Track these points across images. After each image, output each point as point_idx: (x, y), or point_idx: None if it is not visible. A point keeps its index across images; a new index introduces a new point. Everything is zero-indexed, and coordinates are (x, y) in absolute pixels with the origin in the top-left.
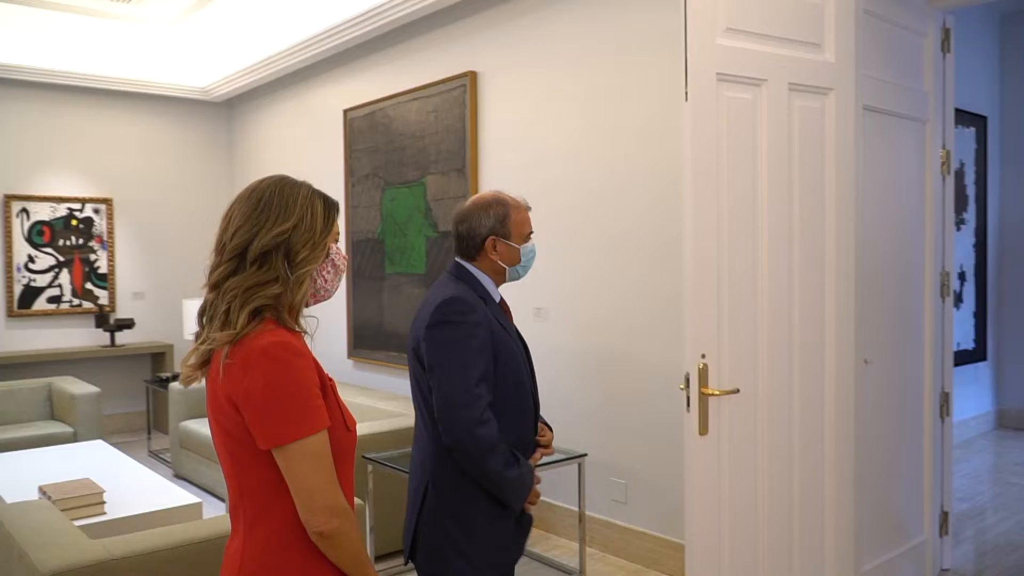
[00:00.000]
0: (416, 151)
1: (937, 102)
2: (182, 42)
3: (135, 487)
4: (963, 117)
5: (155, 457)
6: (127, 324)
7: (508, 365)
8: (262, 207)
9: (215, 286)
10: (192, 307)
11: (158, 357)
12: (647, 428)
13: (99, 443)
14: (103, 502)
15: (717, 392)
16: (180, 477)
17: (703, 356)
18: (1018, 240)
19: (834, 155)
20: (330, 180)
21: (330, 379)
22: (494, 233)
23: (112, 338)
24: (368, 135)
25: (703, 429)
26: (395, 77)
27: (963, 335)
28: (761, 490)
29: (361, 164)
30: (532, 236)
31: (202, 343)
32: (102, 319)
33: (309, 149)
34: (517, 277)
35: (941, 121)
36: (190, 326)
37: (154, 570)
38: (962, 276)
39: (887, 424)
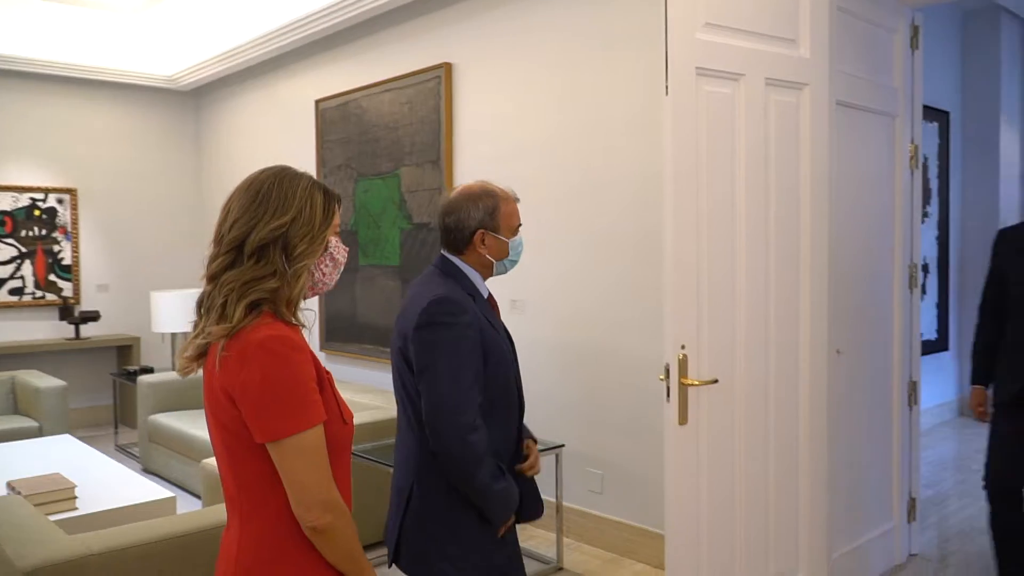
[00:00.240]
0: (390, 143)
1: (906, 97)
2: (149, 30)
3: (106, 482)
4: (926, 112)
5: (123, 451)
6: (92, 316)
7: (498, 364)
8: (260, 199)
9: (212, 278)
10: (160, 299)
11: (124, 350)
12: (623, 420)
13: (66, 437)
14: (75, 497)
15: (696, 382)
16: (149, 472)
17: (683, 347)
18: (979, 233)
19: (809, 149)
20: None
21: (327, 372)
22: (483, 226)
23: (77, 331)
24: (340, 126)
25: (683, 419)
26: (368, 68)
27: (926, 326)
28: (739, 478)
29: (333, 155)
30: (520, 229)
31: (198, 336)
32: (66, 311)
33: (279, 139)
34: (504, 271)
35: (910, 116)
36: (158, 319)
37: (134, 565)
38: (925, 268)
39: (858, 413)
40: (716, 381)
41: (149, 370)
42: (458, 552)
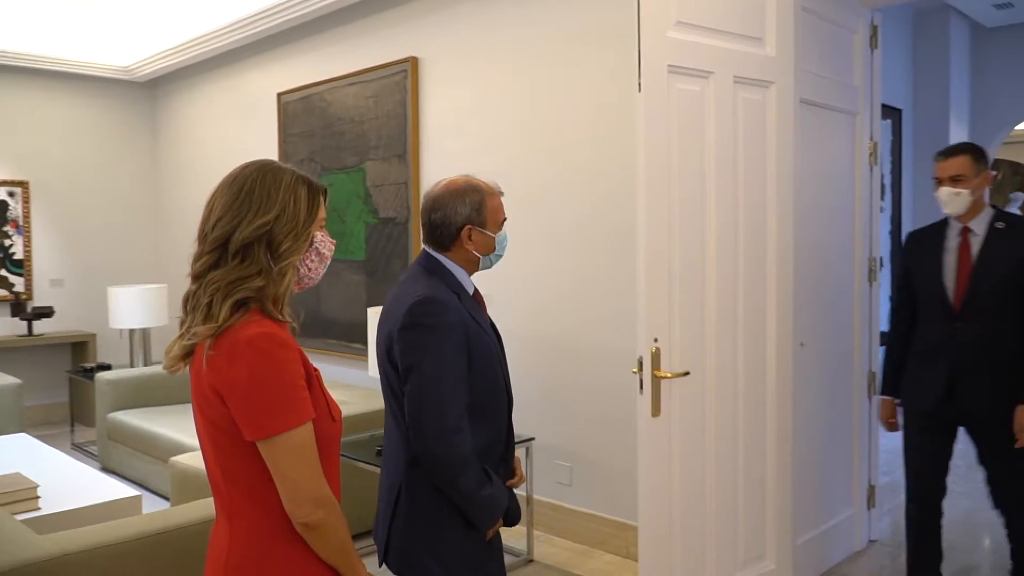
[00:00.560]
0: (355, 136)
1: (866, 95)
2: (104, 19)
3: (67, 481)
4: (880, 110)
5: (79, 450)
6: (46, 312)
7: (482, 363)
8: (243, 197)
9: (197, 277)
10: (118, 295)
11: (79, 347)
12: (591, 412)
13: (23, 436)
14: (37, 497)
15: (669, 375)
16: (108, 470)
17: (655, 340)
18: None
19: (775, 147)
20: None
21: (315, 369)
22: (470, 222)
23: (30, 327)
24: (304, 119)
25: (655, 411)
26: (333, 61)
27: (880, 317)
28: (709, 468)
29: (297, 149)
30: (505, 223)
31: (184, 336)
32: (18, 307)
33: (240, 132)
34: (490, 265)
35: (869, 114)
36: (116, 314)
37: (110, 564)
38: (879, 261)
39: (820, 404)
40: (688, 373)
41: (107, 367)
42: (445, 552)
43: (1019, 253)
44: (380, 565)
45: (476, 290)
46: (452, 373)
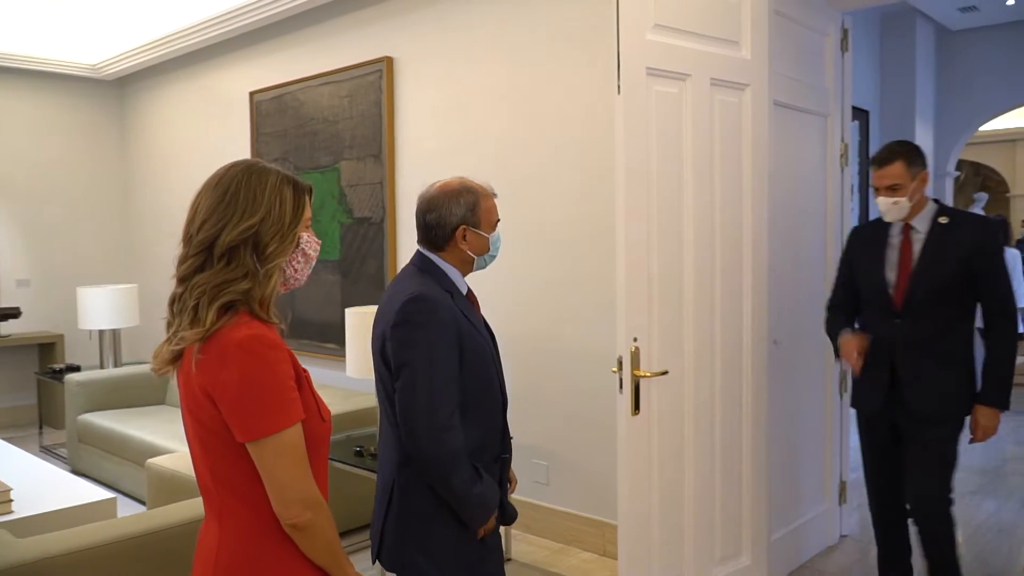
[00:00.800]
0: (329, 136)
1: (837, 98)
2: (72, 16)
3: (39, 484)
4: None
5: (49, 453)
6: (12, 313)
7: (474, 362)
8: (228, 199)
9: (183, 279)
10: (87, 295)
11: (47, 348)
12: (567, 411)
13: None
14: (11, 500)
15: (648, 374)
16: (79, 473)
17: (635, 340)
18: None
19: (750, 148)
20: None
21: (304, 370)
22: (465, 222)
23: None
24: (277, 119)
25: (635, 410)
26: (306, 60)
27: None
28: (688, 466)
29: (269, 148)
30: (499, 224)
31: (171, 341)
32: None
33: (212, 131)
34: (484, 266)
35: (840, 115)
36: (85, 315)
37: (91, 567)
38: None
39: (794, 401)
40: (666, 372)
41: (76, 368)
42: (437, 550)
43: (960, 251)
44: (373, 563)
45: (469, 290)
46: (443, 371)
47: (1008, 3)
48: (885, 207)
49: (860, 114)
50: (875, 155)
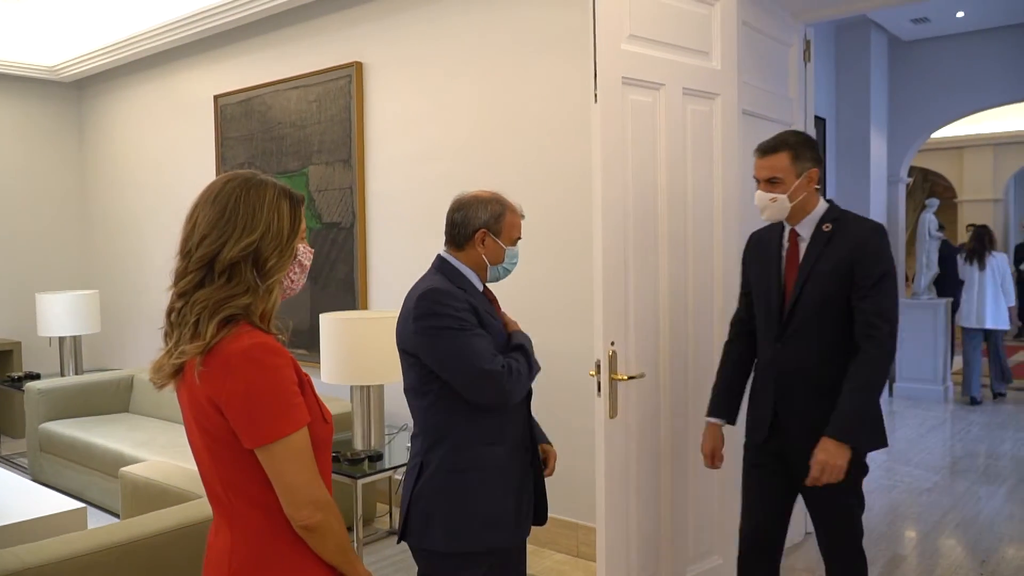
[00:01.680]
0: (297, 140)
1: (800, 107)
2: (29, 17)
3: (4, 494)
4: None
5: (7, 462)
6: None
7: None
8: (228, 215)
9: (182, 295)
10: (46, 301)
11: (3, 355)
12: (546, 414)
13: None
14: None
15: (625, 377)
16: (41, 483)
17: (612, 344)
18: None
19: (720, 156)
20: (200, 168)
21: (305, 375)
22: (487, 227)
23: None
24: (243, 122)
25: (613, 412)
26: (274, 64)
27: None
28: (664, 468)
29: (235, 152)
30: (519, 242)
31: (172, 355)
32: None
33: (175, 135)
34: (498, 278)
35: (803, 124)
36: (45, 322)
37: None
38: None
39: None
40: (643, 375)
41: (35, 376)
42: (463, 524)
43: (839, 263)
44: (399, 542)
45: (487, 288)
46: (468, 332)
47: (958, 15)
48: (761, 203)
49: (818, 122)
50: (761, 143)
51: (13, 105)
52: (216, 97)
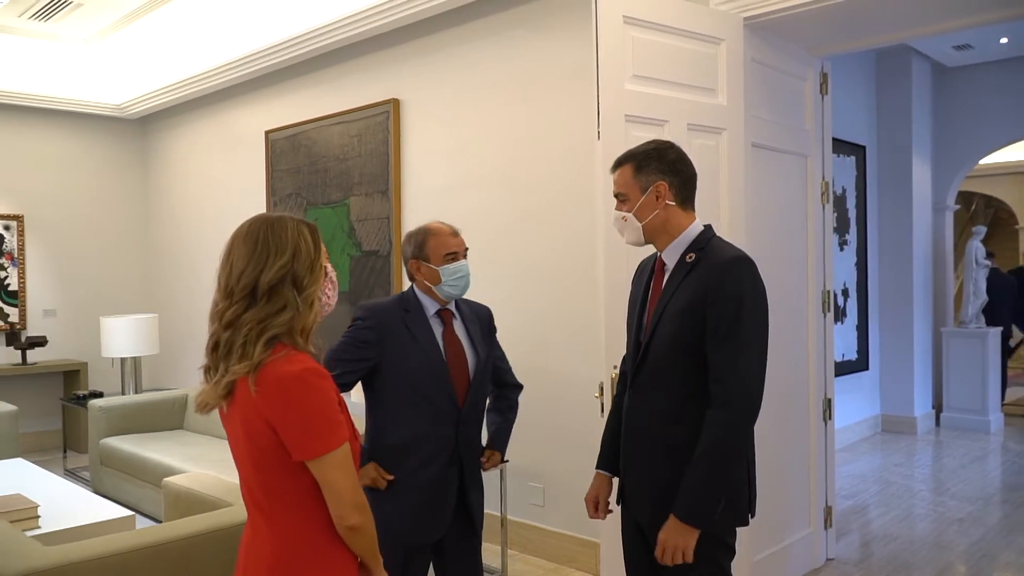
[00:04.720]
0: (339, 173)
1: (817, 138)
2: (98, 60)
3: (64, 502)
4: (844, 147)
5: (72, 475)
6: (39, 342)
7: (401, 365)
8: (260, 246)
9: (229, 325)
10: (110, 324)
11: (71, 375)
12: (560, 436)
13: (19, 461)
14: (38, 516)
15: None
16: (101, 494)
17: (615, 367)
18: (895, 259)
19: (727, 189)
20: (251, 199)
21: (340, 395)
22: (415, 257)
23: (24, 356)
24: (290, 156)
25: None
26: (318, 101)
27: (847, 346)
28: None
29: (283, 184)
30: (455, 257)
31: (223, 376)
32: (13, 337)
33: (229, 167)
34: (453, 294)
35: (820, 155)
36: (108, 344)
37: (112, 572)
38: (845, 292)
39: (776, 428)
40: None
41: (99, 394)
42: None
43: (691, 301)
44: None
45: (443, 309)
46: (346, 337)
47: (1002, 41)
48: (616, 223)
49: (856, 149)
50: None
51: (84, 141)
52: (267, 132)
